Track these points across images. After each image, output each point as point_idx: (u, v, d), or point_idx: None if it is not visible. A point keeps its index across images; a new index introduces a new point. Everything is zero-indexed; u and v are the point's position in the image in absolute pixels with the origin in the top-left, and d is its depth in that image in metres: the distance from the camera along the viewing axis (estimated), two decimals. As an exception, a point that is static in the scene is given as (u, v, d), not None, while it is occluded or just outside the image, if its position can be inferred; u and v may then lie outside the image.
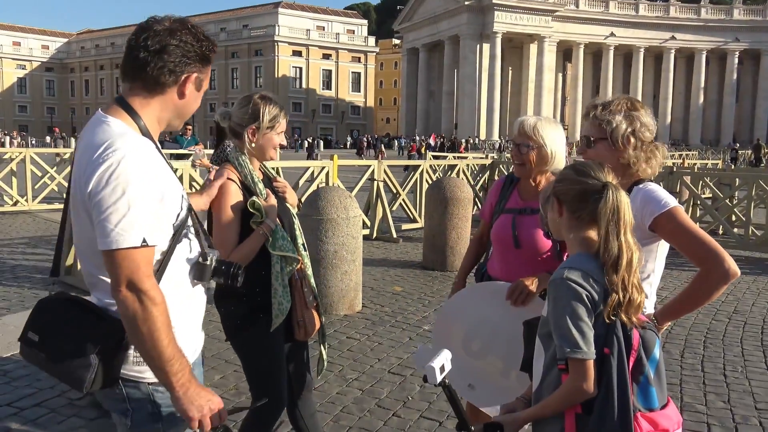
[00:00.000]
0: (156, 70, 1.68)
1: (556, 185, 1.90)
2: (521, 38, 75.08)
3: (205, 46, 1.74)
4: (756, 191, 10.67)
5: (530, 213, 2.70)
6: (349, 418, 3.85)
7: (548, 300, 1.79)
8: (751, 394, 4.38)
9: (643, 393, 1.77)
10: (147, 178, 1.59)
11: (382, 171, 10.84)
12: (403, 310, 6.30)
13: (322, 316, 2.87)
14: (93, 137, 1.64)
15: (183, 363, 1.64)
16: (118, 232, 1.55)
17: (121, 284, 1.57)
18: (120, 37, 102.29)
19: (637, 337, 1.75)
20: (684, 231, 2.11)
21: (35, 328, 1.69)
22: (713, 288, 2.09)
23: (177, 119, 1.80)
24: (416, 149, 39.59)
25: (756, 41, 78.19)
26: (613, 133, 2.25)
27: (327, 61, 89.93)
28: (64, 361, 1.62)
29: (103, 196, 1.55)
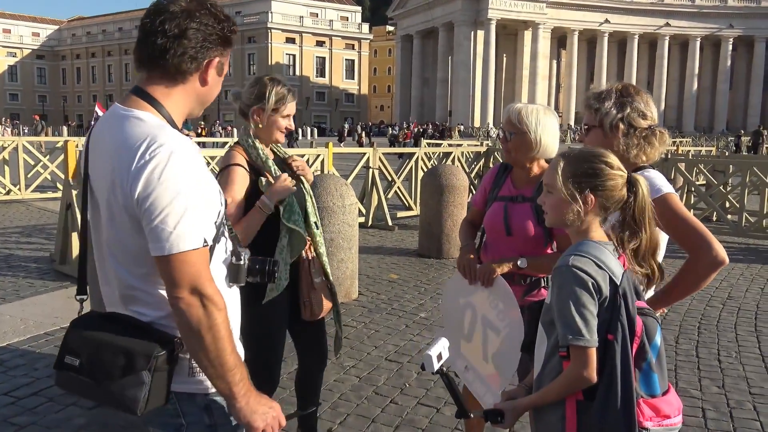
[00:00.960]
0: (177, 57, 1.54)
1: (590, 180, 1.81)
2: (515, 25, 74.88)
3: (226, 27, 1.60)
4: (750, 178, 10.71)
5: (522, 201, 2.71)
6: (347, 406, 3.86)
7: (552, 287, 1.79)
8: (746, 379, 4.42)
9: (646, 379, 1.78)
10: (197, 173, 1.47)
11: (377, 159, 10.82)
12: (400, 297, 6.31)
13: (336, 297, 2.94)
14: (124, 134, 1.49)
15: (243, 371, 1.56)
16: (178, 234, 1.42)
17: (184, 290, 1.44)
18: (111, 24, 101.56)
19: (641, 323, 1.76)
20: (675, 217, 2.12)
21: (73, 350, 1.52)
22: (702, 275, 2.11)
23: (198, 107, 1.67)
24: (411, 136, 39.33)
25: (750, 28, 78.24)
26: (603, 120, 2.25)
27: (320, 48, 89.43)
28: (112, 382, 1.48)
29: (155, 198, 1.41)
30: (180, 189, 1.43)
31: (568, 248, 1.84)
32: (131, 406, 1.48)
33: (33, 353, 4.57)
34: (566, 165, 1.87)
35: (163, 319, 1.54)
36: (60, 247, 7.02)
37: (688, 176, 11.03)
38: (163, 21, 1.52)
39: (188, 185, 1.45)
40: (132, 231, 1.48)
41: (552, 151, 2.69)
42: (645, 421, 1.77)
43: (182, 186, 1.44)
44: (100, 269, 1.63)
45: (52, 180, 14.13)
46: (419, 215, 9.23)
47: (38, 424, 3.52)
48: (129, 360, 1.47)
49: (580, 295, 1.70)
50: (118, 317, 1.56)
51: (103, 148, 1.54)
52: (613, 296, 1.73)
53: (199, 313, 1.46)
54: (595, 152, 1.90)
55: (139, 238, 1.47)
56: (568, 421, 1.80)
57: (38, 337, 4.89)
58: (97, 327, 1.54)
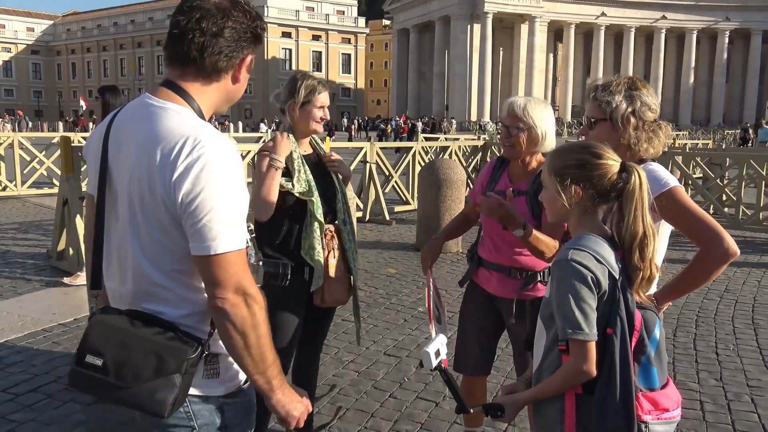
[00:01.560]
0: (214, 56, 1.52)
1: (575, 171, 1.82)
2: (512, 18, 74.72)
3: (258, 26, 1.60)
4: (747, 171, 10.72)
5: (518, 195, 2.70)
6: (346, 400, 3.86)
7: (551, 280, 1.78)
8: (743, 371, 4.43)
9: (645, 373, 1.78)
10: (239, 173, 1.46)
11: (375, 153, 10.80)
12: (398, 292, 6.31)
13: (356, 293, 3.12)
14: (164, 127, 1.45)
15: (279, 365, 1.57)
16: (223, 235, 1.41)
17: (228, 290, 1.43)
18: (107, 18, 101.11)
19: (639, 317, 1.76)
20: (683, 210, 2.11)
21: (95, 350, 1.46)
22: (712, 268, 2.10)
23: (226, 104, 1.65)
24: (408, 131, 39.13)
25: (746, 20, 78.19)
26: (613, 113, 2.24)
27: (317, 42, 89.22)
28: (141, 384, 1.43)
29: (203, 198, 1.39)
30: (226, 189, 1.42)
31: (567, 242, 1.84)
32: (158, 410, 1.45)
33: (30, 350, 4.56)
34: (554, 159, 1.89)
35: (184, 318, 1.51)
36: (57, 243, 7.00)
37: (685, 169, 11.03)
38: (199, 19, 1.50)
39: (233, 186, 1.44)
40: (170, 227, 1.45)
41: (552, 144, 2.68)
42: (644, 414, 1.77)
43: (228, 187, 1.43)
44: (114, 263, 1.58)
45: (48, 176, 14.09)
46: (417, 209, 9.22)
47: (36, 420, 3.51)
48: (160, 362, 1.44)
49: (579, 289, 1.70)
50: (142, 315, 1.50)
51: (134, 139, 1.49)
52: (612, 290, 1.73)
53: (244, 312, 1.45)
54: (583, 144, 1.91)
55: (176, 234, 1.45)
56: (567, 414, 1.80)
57: (36, 333, 4.88)
58: (121, 325, 1.48)
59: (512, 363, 4.37)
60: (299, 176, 2.78)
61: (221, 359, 1.58)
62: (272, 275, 1.82)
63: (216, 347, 1.55)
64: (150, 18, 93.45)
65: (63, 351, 4.54)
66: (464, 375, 3.05)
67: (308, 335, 3.11)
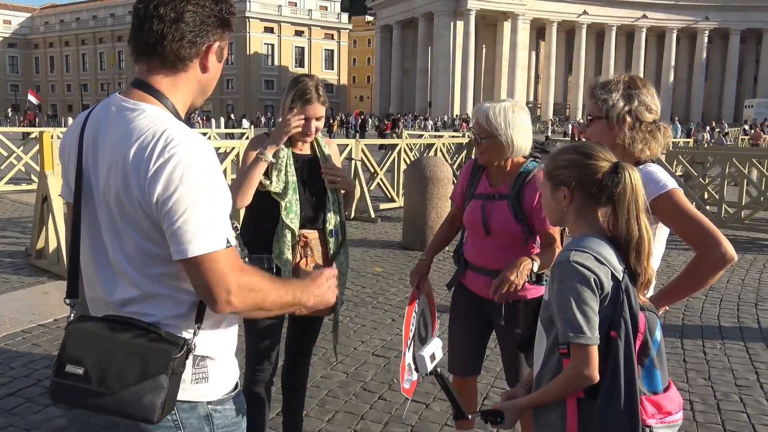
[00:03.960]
0: (175, 42, 1.45)
1: (563, 172, 1.81)
2: (495, 16, 74.97)
3: (224, 9, 1.52)
4: (729, 169, 10.83)
5: (499, 198, 2.68)
6: (335, 402, 3.81)
7: (551, 282, 1.73)
8: (731, 370, 4.44)
9: (648, 376, 1.75)
10: (216, 171, 1.40)
11: (360, 150, 10.73)
12: (385, 291, 6.26)
13: (337, 308, 2.93)
14: (136, 130, 1.40)
15: (298, 285, 1.59)
16: (201, 236, 1.35)
17: (220, 295, 1.38)
18: (85, 12, 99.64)
19: (643, 319, 1.72)
20: (681, 213, 2.08)
21: (74, 359, 1.40)
22: (710, 272, 2.07)
23: (200, 96, 1.58)
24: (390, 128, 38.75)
25: (725, 20, 79.21)
26: (609, 111, 2.20)
27: (299, 38, 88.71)
28: (126, 389, 1.37)
29: (177, 200, 1.34)
30: (201, 189, 1.36)
31: (568, 242, 1.80)
32: (148, 415, 1.38)
33: (9, 352, 4.43)
34: (548, 162, 1.87)
35: (167, 319, 1.46)
36: (36, 241, 6.85)
37: (668, 167, 11.13)
38: (157, 5, 1.44)
39: (209, 185, 1.38)
40: (150, 230, 1.40)
41: (525, 148, 2.66)
42: (648, 418, 1.74)
43: (204, 186, 1.37)
44: (93, 270, 1.52)
45: (26, 172, 13.81)
46: (403, 207, 9.18)
47: (16, 425, 3.41)
48: (145, 364, 1.38)
49: (581, 291, 1.65)
50: (119, 319, 1.45)
51: (108, 143, 1.44)
52: (615, 292, 1.68)
53: (246, 301, 1.43)
54: (575, 144, 1.89)
55: (156, 237, 1.40)
56: (569, 419, 1.75)
57: (14, 335, 4.75)
58: (100, 331, 1.43)
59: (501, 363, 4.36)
60: (279, 175, 2.67)
61: (210, 362, 1.52)
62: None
63: (204, 349, 1.49)
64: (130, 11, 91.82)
65: (43, 353, 4.42)
66: (454, 375, 3.01)
67: (296, 341, 3.05)
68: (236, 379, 1.62)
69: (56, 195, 6.49)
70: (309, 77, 2.75)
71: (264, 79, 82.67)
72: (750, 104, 67.12)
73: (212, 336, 1.51)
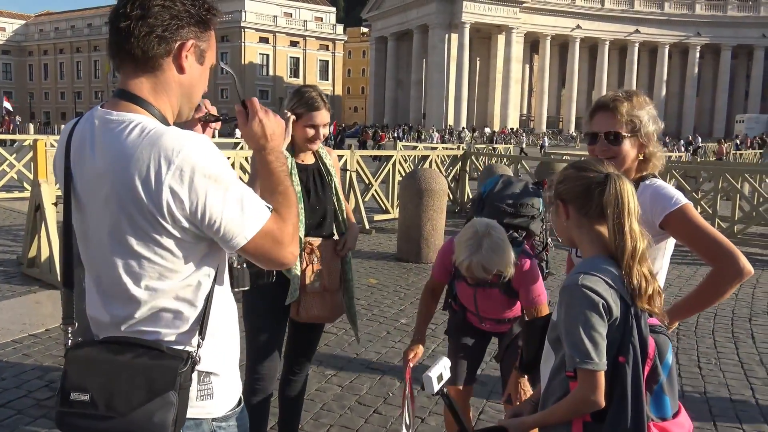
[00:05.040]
0: (142, 39, 1.39)
1: (558, 186, 1.83)
2: (489, 29, 75.43)
3: (199, 5, 1.46)
4: (722, 184, 10.88)
5: (489, 286, 2.66)
6: (330, 416, 3.77)
7: (559, 305, 1.71)
8: (727, 386, 4.43)
9: (656, 402, 1.72)
10: (221, 159, 1.39)
11: (355, 161, 10.73)
12: (379, 303, 6.23)
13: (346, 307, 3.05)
14: (126, 146, 1.35)
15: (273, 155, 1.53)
16: (247, 219, 1.38)
17: (283, 253, 1.45)
18: (81, 19, 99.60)
19: (653, 345, 1.69)
20: (696, 229, 2.08)
21: (78, 386, 1.37)
22: (726, 286, 2.07)
23: (186, 103, 1.51)
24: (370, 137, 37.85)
25: (717, 36, 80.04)
26: (642, 128, 2.18)
27: (294, 48, 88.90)
28: (133, 410, 1.34)
29: (207, 204, 1.34)
30: (222, 180, 1.36)
31: (577, 264, 1.78)
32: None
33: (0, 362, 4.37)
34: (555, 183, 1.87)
35: (170, 335, 1.43)
36: (28, 250, 6.79)
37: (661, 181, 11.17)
38: (125, 3, 1.41)
39: (224, 171, 1.38)
40: (171, 245, 1.39)
41: None
42: None
43: (221, 176, 1.36)
44: (94, 290, 1.49)
45: (18, 179, 13.72)
46: (398, 219, 9.17)
47: (6, 438, 3.36)
48: (151, 382, 1.35)
49: (589, 317, 1.63)
50: (118, 340, 1.43)
51: (102, 161, 1.38)
52: (624, 316, 1.66)
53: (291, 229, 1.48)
54: (572, 162, 1.88)
55: (172, 247, 1.39)
56: None
57: (5, 345, 4.69)
58: (100, 355, 1.40)
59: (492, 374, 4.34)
60: None
61: (215, 378, 1.50)
62: (258, 275, 1.75)
63: (209, 364, 1.47)
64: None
65: (34, 363, 4.37)
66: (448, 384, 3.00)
67: (295, 350, 3.05)
68: (240, 394, 1.60)
69: (49, 203, 6.44)
70: (312, 87, 2.81)
71: (259, 89, 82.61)
72: (741, 119, 67.72)
73: (216, 350, 1.49)
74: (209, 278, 1.46)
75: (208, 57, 1.52)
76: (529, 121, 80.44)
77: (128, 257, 1.40)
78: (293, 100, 2.75)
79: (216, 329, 1.48)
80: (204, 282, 1.46)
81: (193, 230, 1.38)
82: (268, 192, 1.51)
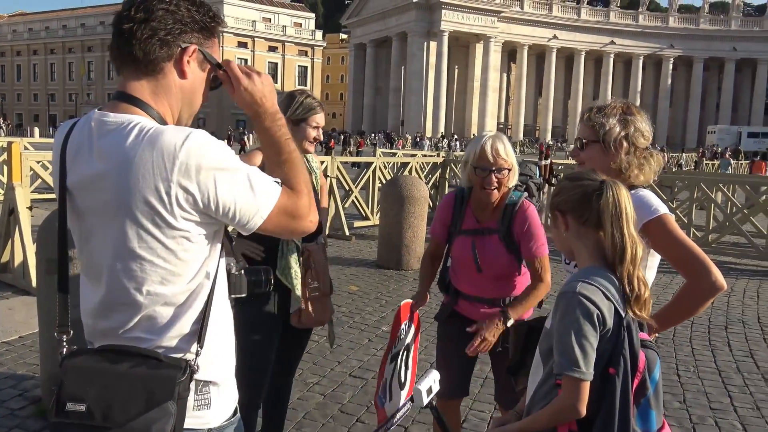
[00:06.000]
0: (144, 42, 1.39)
1: (555, 199, 1.83)
2: (468, 37, 76.00)
3: (203, 12, 1.45)
4: (697, 194, 11.06)
5: (489, 233, 2.69)
6: (313, 425, 3.73)
7: (555, 311, 1.71)
8: (705, 394, 4.49)
9: (642, 416, 1.72)
10: (224, 149, 1.38)
11: (335, 167, 10.70)
12: (361, 310, 6.20)
13: (331, 311, 3.02)
14: (130, 148, 1.33)
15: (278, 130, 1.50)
16: (259, 200, 1.39)
17: (302, 224, 1.47)
18: (55, 20, 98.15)
19: (644, 358, 1.70)
20: (672, 240, 2.07)
21: (74, 396, 1.33)
22: (700, 301, 2.07)
23: (186, 109, 1.50)
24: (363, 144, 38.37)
25: (689, 48, 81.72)
26: (606, 136, 2.20)
27: (273, 53, 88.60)
28: (131, 420, 1.31)
29: (220, 193, 1.34)
30: (228, 167, 1.36)
31: (576, 272, 1.78)
32: None
33: (-29, 370, 4.26)
34: (550, 197, 1.89)
35: (169, 342, 1.40)
36: (0, 255, 6.62)
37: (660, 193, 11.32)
38: (130, 7, 1.41)
39: (229, 157, 1.37)
40: (176, 247, 1.37)
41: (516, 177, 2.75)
42: None
43: (227, 163, 1.36)
44: (90, 296, 1.45)
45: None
46: (379, 226, 9.15)
47: (-22, 449, 3.26)
48: (149, 393, 1.32)
49: (582, 325, 1.63)
50: (116, 348, 1.39)
51: (104, 164, 1.36)
52: (617, 328, 1.66)
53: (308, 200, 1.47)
54: (568, 174, 1.90)
55: (176, 250, 1.37)
56: None
57: (-23, 352, 4.57)
58: (97, 364, 1.36)
59: (480, 385, 4.32)
60: None
61: (213, 387, 1.47)
62: (255, 283, 1.73)
63: (207, 374, 1.43)
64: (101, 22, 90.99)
65: (7, 372, 4.25)
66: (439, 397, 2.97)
67: (281, 358, 3.01)
68: (236, 404, 1.57)
69: (23, 208, 6.30)
70: (303, 91, 2.88)
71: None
72: (712, 130, 69.10)
73: (214, 358, 1.46)
74: (209, 283, 1.44)
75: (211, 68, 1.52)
76: (506, 129, 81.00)
77: (130, 261, 1.37)
78: (292, 106, 2.76)
79: (214, 337, 1.45)
80: (204, 287, 1.43)
81: (206, 221, 1.39)
82: (274, 164, 1.49)
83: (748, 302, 7.33)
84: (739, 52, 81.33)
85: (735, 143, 59.99)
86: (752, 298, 7.58)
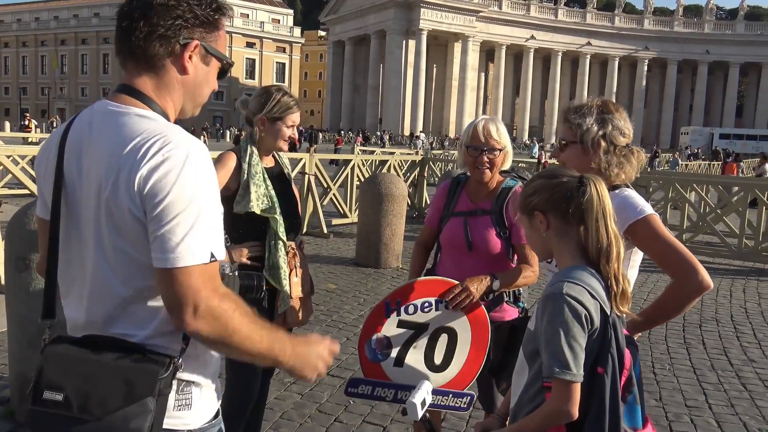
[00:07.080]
0: (143, 39, 1.37)
1: (531, 199, 1.79)
2: (446, 36, 76.27)
3: (205, 5, 1.43)
4: (671, 194, 11.21)
5: (482, 214, 2.68)
6: (290, 425, 3.69)
7: (541, 313, 1.68)
8: (681, 391, 4.53)
9: (630, 412, 1.71)
10: (212, 179, 1.33)
11: (314, 164, 10.64)
12: (339, 308, 6.16)
13: (311, 311, 2.99)
14: (128, 132, 1.32)
15: (281, 338, 1.43)
16: (185, 246, 1.27)
17: (188, 307, 1.27)
18: (28, 13, 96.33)
19: (629, 356, 1.69)
20: (658, 240, 2.07)
21: (53, 384, 1.30)
22: (686, 300, 2.06)
23: (190, 103, 1.48)
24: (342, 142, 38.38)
25: (664, 51, 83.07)
26: (584, 136, 2.19)
27: (251, 49, 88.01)
28: (109, 414, 1.27)
29: (167, 205, 1.26)
30: (194, 196, 1.28)
31: (559, 271, 1.76)
32: None
33: (-63, 370, 4.13)
34: (519, 197, 1.85)
35: (153, 337, 1.36)
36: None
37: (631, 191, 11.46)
38: (129, 2, 1.40)
39: (203, 192, 1.30)
40: (139, 238, 1.32)
41: (510, 160, 2.75)
42: None
43: (197, 193, 1.29)
44: (75, 288, 1.42)
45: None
46: (357, 223, 9.11)
47: (-56, 452, 3.16)
48: (130, 387, 1.28)
49: (571, 326, 1.61)
50: (100, 340, 1.35)
51: (98, 148, 1.35)
52: (603, 327, 1.65)
53: (213, 326, 1.30)
54: (539, 173, 1.88)
55: (133, 245, 1.33)
56: None
57: (-57, 352, 4.43)
58: (79, 353, 1.33)
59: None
60: (259, 192, 2.64)
61: (194, 388, 1.43)
62: (247, 287, 1.69)
63: (189, 373, 1.40)
64: (75, 15, 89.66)
65: (-25, 372, 4.13)
66: None
67: None
68: (218, 405, 1.53)
69: None
70: (279, 87, 2.81)
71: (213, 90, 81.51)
72: (686, 131, 70.35)
73: (198, 357, 1.42)
74: None
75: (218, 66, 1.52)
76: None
77: (110, 251, 1.34)
78: (269, 103, 2.70)
79: None
80: None
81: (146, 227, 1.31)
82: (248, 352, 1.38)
83: (721, 301, 7.43)
84: (712, 55, 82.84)
85: (707, 144, 61.12)
86: (725, 296, 7.69)
